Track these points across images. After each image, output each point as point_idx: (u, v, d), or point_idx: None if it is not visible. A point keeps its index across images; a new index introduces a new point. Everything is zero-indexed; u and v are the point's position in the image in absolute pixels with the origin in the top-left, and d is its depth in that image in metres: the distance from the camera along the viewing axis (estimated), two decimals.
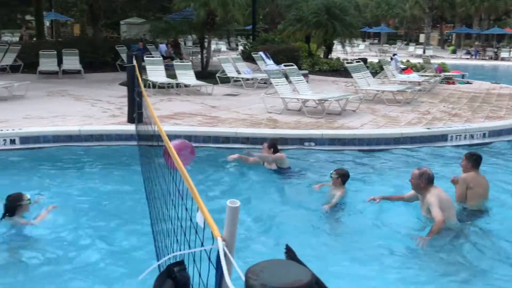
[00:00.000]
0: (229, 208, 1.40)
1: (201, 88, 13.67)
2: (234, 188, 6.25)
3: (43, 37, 25.36)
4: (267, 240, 4.72)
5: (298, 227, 5.08)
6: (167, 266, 1.54)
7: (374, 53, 37.69)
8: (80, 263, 4.23)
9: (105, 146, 8.14)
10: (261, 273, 1.00)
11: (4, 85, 12.01)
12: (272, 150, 6.87)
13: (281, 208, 5.63)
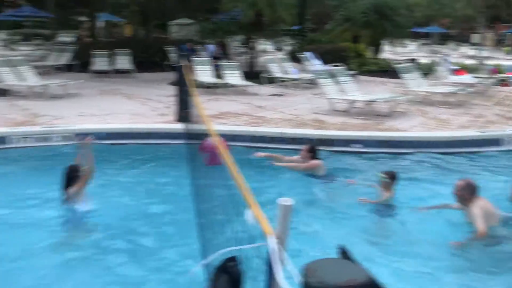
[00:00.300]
0: (282, 206, 1.41)
1: (248, 88, 13.76)
2: (277, 190, 6.23)
3: (96, 38, 26.25)
4: (312, 241, 4.69)
5: (341, 228, 5.03)
6: (222, 261, 1.57)
7: (425, 54, 36.69)
8: (124, 255, 4.35)
9: (154, 144, 8.33)
10: (318, 271, 1.01)
11: (60, 83, 12.55)
12: (311, 154, 6.67)
13: (320, 208, 5.58)
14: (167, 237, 4.78)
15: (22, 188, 6.10)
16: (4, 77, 12.08)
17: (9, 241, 4.63)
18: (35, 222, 5.07)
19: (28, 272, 4.07)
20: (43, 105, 10.70)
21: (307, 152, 6.69)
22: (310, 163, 6.62)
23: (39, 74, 13.41)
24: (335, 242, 4.07)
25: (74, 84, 12.66)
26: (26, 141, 7.90)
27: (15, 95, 11.88)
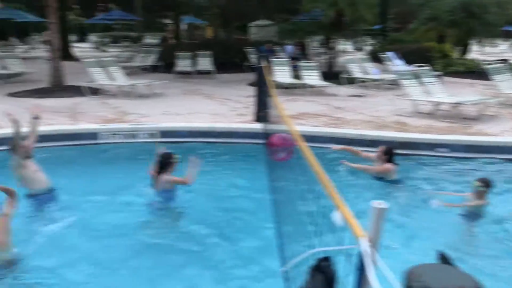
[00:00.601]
0: (375, 209, 1.38)
1: (326, 88, 13.63)
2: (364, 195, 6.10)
3: (180, 40, 27.25)
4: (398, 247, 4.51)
5: (422, 234, 4.82)
6: (317, 261, 1.57)
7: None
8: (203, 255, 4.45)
9: (233, 143, 8.49)
10: (423, 276, 0.97)
11: (146, 83, 13.17)
12: (386, 157, 6.33)
13: (398, 213, 5.37)
14: (244, 234, 4.83)
15: (111, 178, 6.49)
16: (96, 77, 12.88)
17: (102, 224, 5.02)
18: (124, 208, 5.43)
19: (117, 250, 4.45)
20: (131, 104, 11.27)
21: (383, 154, 6.37)
22: (383, 167, 6.33)
23: (127, 75, 14.16)
24: (419, 247, 3.91)
25: (159, 84, 13.23)
26: (115, 137, 8.36)
27: (105, 94, 12.63)
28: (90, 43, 38.94)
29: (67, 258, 4.30)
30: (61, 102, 11.50)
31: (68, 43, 26.50)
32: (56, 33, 13.38)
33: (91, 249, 4.51)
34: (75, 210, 5.35)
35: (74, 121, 9.23)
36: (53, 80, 13.32)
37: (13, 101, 11.58)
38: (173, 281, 3.98)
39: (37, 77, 15.76)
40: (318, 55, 23.21)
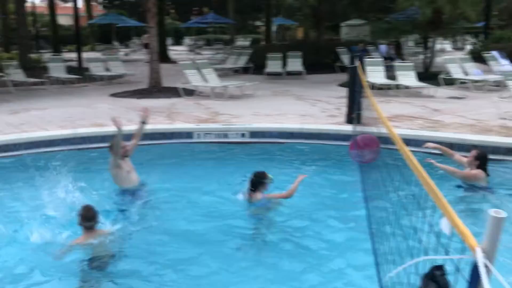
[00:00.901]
0: (493, 218, 1.25)
1: (423, 90, 13.02)
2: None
3: (270, 41, 27.55)
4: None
5: None
6: (430, 269, 1.47)
7: None
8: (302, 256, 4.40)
9: (323, 145, 8.38)
10: None
11: (238, 85, 13.44)
12: (478, 163, 5.78)
13: None
14: (335, 239, 4.72)
15: (203, 175, 6.70)
16: (191, 78, 13.38)
17: (190, 215, 5.27)
18: (212, 205, 5.59)
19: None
20: (223, 105, 11.57)
21: (474, 159, 5.84)
22: (470, 172, 5.82)
23: (219, 76, 14.56)
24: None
25: (250, 85, 13.44)
26: (207, 137, 8.62)
27: (199, 95, 13.09)
28: (185, 46, 40.64)
29: (154, 254, 4.47)
30: (159, 102, 12.09)
31: (165, 46, 27.84)
32: (154, 36, 14.11)
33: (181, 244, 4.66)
34: (167, 204, 5.58)
35: (171, 120, 9.66)
36: (152, 82, 14.05)
37: (115, 101, 12.38)
38: (268, 276, 3.97)
39: (137, 79, 16.76)
40: (414, 55, 22.27)
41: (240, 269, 4.18)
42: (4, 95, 13.52)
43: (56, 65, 16.97)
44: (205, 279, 4.01)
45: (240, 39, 37.46)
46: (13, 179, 6.61)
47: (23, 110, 10.97)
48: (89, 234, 4.30)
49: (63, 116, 10.10)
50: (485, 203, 5.49)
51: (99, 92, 14.29)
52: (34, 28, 39.08)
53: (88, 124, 9.20)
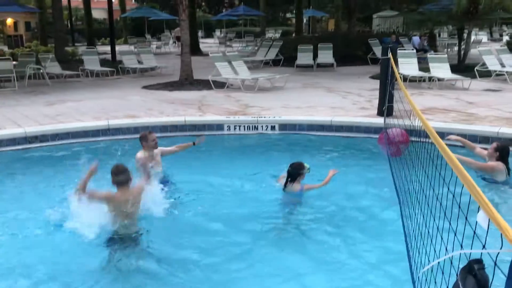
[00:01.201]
0: None
1: (456, 82, 12.72)
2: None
3: (301, 33, 27.36)
4: None
5: None
6: (469, 262, 1.46)
7: None
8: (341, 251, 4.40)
9: (354, 138, 8.30)
10: None
11: (268, 77, 13.43)
12: (498, 154, 5.60)
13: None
14: (366, 230, 4.69)
15: (236, 167, 6.78)
16: (222, 71, 13.45)
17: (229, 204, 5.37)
18: (243, 194, 5.68)
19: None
20: (253, 97, 11.59)
21: (494, 151, 5.65)
22: (489, 164, 5.64)
23: (249, 69, 14.57)
24: None
25: (280, 77, 13.41)
26: (238, 129, 8.67)
27: (230, 87, 13.14)
28: (216, 38, 40.82)
29: (184, 239, 4.56)
30: (190, 95, 12.21)
31: (197, 39, 28.01)
32: (186, 29, 14.22)
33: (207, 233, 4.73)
34: (196, 194, 5.66)
35: (202, 112, 9.75)
36: (183, 74, 14.18)
37: (147, 93, 12.57)
38: (302, 269, 4.00)
39: (168, 71, 16.96)
40: (448, 47, 21.77)
41: (274, 256, 4.23)
42: (41, 87, 13.90)
43: (91, 58, 17.33)
44: (237, 264, 4.07)
45: (270, 31, 37.36)
46: (49, 169, 6.82)
47: (59, 101, 11.27)
48: (123, 191, 4.36)
49: (97, 107, 10.32)
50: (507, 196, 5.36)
51: (132, 84, 14.53)
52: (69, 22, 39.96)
53: (121, 115, 9.38)
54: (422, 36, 21.16)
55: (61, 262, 4.14)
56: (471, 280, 1.39)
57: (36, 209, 5.15)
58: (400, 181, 4.82)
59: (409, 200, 3.86)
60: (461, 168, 1.84)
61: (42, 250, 4.36)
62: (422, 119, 3.15)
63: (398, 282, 3.55)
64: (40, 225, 4.79)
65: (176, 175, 6.13)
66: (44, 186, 6.09)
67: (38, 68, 15.30)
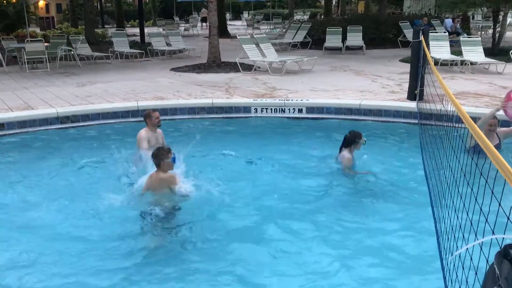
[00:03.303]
0: None
1: (490, 66, 12.36)
2: None
3: (330, 15, 26.94)
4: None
5: None
6: (504, 246, 1.44)
7: None
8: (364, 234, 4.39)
9: (383, 122, 8.19)
10: None
11: (296, 60, 13.32)
12: None
13: None
14: (396, 216, 4.64)
15: (261, 148, 6.82)
16: (249, 53, 13.40)
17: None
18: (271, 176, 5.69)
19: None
20: (280, 80, 11.53)
21: None
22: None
23: (277, 51, 14.47)
24: None
25: (308, 60, 13.28)
26: (265, 111, 8.66)
27: (257, 70, 13.10)
28: (244, 20, 40.61)
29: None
30: (218, 77, 12.23)
31: (225, 21, 27.92)
32: (214, 11, 14.18)
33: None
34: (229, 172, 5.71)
35: (229, 95, 9.77)
36: (211, 56, 14.20)
37: (175, 76, 12.64)
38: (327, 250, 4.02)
39: (196, 54, 17.00)
40: (482, 29, 21.12)
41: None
42: (72, 69, 14.15)
43: (120, 40, 17.50)
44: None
45: (299, 13, 36.93)
46: (79, 148, 6.98)
47: (89, 83, 11.46)
48: (158, 172, 4.63)
49: (126, 89, 10.46)
50: None
51: (160, 66, 14.64)
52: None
53: (150, 97, 9.48)
54: (455, 18, 20.56)
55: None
56: (507, 264, 1.37)
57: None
58: (431, 167, 4.75)
59: (440, 186, 3.80)
60: (495, 152, 1.80)
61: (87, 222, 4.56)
62: (456, 103, 3.08)
63: (427, 268, 3.53)
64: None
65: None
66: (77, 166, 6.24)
67: (69, 50, 15.55)
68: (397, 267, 3.69)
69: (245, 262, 3.79)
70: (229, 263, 3.80)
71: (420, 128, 7.04)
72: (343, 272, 3.63)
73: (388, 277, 3.55)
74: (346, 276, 3.58)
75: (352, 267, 3.71)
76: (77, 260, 3.87)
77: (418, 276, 3.50)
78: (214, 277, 3.61)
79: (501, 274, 1.38)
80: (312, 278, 3.57)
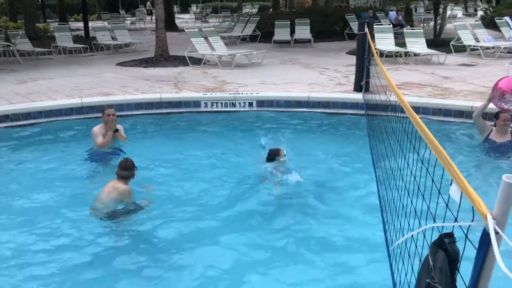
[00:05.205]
0: (505, 183, 1.23)
1: (432, 57, 12.81)
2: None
3: (278, 8, 27.06)
4: None
5: None
6: (439, 236, 1.46)
7: None
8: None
9: (331, 114, 8.31)
10: None
11: (245, 53, 13.28)
12: None
13: None
14: (344, 206, 4.73)
15: (209, 144, 6.71)
16: (198, 47, 13.24)
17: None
18: (219, 171, 5.57)
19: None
20: (230, 73, 11.47)
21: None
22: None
23: (226, 45, 14.37)
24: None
25: (257, 53, 13.28)
26: (215, 106, 8.58)
27: (206, 64, 12.97)
28: (192, 14, 40.12)
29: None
30: (166, 71, 12.02)
31: (172, 14, 27.46)
32: (160, 4, 13.89)
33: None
34: (172, 171, 5.62)
35: (177, 89, 9.61)
36: (158, 50, 13.92)
37: (122, 70, 12.32)
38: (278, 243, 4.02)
39: (143, 48, 16.63)
40: (424, 22, 21.86)
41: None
42: (11, 65, 13.49)
43: (63, 34, 16.84)
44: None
45: (247, 7, 36.86)
46: (23, 148, 6.67)
47: (30, 80, 10.96)
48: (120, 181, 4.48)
49: (70, 85, 10.08)
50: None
51: (106, 61, 14.21)
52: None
53: (95, 93, 9.18)
54: (399, 11, 21.19)
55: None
56: (441, 254, 1.40)
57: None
58: (377, 156, 4.86)
59: (385, 175, 3.89)
60: (435, 142, 1.84)
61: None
62: (398, 93, 3.15)
63: (374, 256, 3.60)
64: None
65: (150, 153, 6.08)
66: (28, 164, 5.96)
67: (8, 45, 14.80)
68: (344, 257, 3.75)
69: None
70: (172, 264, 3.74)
71: (367, 118, 7.19)
72: (290, 265, 3.66)
73: (335, 268, 3.61)
74: (293, 268, 3.62)
75: (299, 261, 3.74)
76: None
77: (366, 265, 3.57)
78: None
79: (435, 265, 1.41)
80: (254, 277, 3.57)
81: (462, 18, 26.34)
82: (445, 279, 1.38)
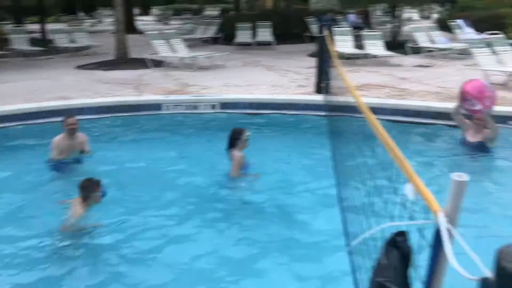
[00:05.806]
0: (455, 182, 1.29)
1: (390, 59, 13.16)
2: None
3: (239, 11, 27.12)
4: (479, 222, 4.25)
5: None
6: (391, 236, 1.51)
7: None
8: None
9: (293, 115, 8.41)
10: None
11: (207, 55, 13.26)
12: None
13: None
14: (305, 209, 4.79)
15: (172, 149, 6.65)
16: (159, 49, 13.12)
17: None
18: (183, 176, 5.55)
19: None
20: (192, 76, 11.42)
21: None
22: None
23: (188, 47, 14.31)
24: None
25: (220, 56, 13.28)
26: (177, 108, 8.53)
27: (168, 66, 12.87)
28: (153, 16, 39.66)
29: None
30: (126, 74, 11.85)
31: (132, 16, 27.08)
32: (119, 6, 13.69)
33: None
34: (136, 176, 5.55)
35: (138, 92, 9.49)
36: (118, 53, 13.72)
37: (81, 74, 12.06)
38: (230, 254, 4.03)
39: (103, 50, 16.33)
40: (382, 24, 22.35)
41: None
42: None
43: (19, 37, 16.34)
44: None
45: (209, 9, 36.75)
46: None
47: None
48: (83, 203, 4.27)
49: (27, 89, 9.79)
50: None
51: (65, 64, 13.88)
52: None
53: (53, 97, 8.95)
54: (358, 13, 21.62)
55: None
56: (395, 252, 1.45)
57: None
58: (338, 157, 4.95)
59: (346, 176, 3.97)
60: (389, 141, 1.91)
61: None
62: (355, 95, 3.23)
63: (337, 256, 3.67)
64: None
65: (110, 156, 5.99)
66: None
67: None
68: (305, 255, 3.81)
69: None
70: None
71: (328, 119, 7.31)
72: (250, 268, 3.70)
73: (297, 265, 3.66)
74: (253, 269, 3.65)
75: (259, 260, 3.78)
76: None
77: (328, 262, 3.64)
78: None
79: (388, 263, 1.46)
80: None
81: (418, 21, 27.18)
82: (398, 277, 1.44)
